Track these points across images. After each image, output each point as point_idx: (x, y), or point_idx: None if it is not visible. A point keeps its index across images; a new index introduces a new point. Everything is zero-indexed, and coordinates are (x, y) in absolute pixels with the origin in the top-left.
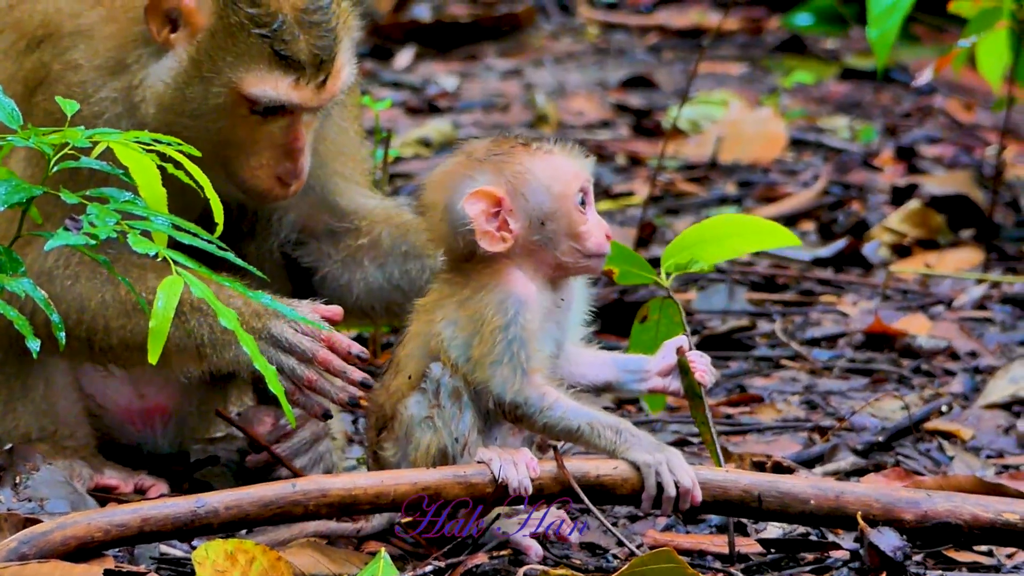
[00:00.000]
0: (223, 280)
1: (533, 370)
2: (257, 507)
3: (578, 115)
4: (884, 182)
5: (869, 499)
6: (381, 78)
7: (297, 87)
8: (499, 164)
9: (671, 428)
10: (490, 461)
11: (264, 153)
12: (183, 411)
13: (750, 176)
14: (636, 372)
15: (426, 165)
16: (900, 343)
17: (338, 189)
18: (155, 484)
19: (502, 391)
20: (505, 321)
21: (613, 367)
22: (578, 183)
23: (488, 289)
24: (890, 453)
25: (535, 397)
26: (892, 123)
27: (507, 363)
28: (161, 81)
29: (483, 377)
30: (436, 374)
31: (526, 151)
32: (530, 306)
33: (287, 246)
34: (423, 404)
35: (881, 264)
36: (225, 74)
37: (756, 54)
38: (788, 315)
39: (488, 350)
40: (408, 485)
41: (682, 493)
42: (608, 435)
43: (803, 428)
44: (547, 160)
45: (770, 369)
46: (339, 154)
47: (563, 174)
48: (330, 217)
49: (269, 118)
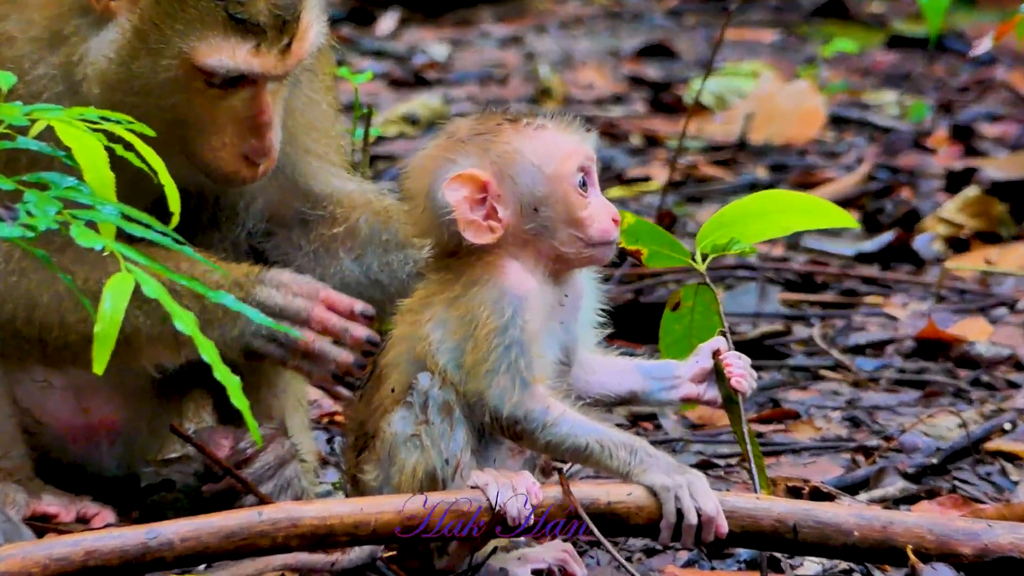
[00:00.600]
0: (180, 277)
1: (535, 380)
2: (218, 539)
3: (587, 88)
4: (938, 165)
5: (921, 530)
6: (361, 46)
7: (258, 53)
8: (484, 144)
9: (693, 448)
10: (485, 486)
11: (226, 130)
12: (132, 428)
13: (784, 159)
14: (665, 379)
15: (412, 146)
16: (956, 351)
17: (310, 171)
18: (100, 512)
19: (499, 404)
20: (501, 323)
21: (637, 374)
22: (576, 161)
23: (481, 285)
24: (945, 477)
25: (538, 411)
26: (947, 98)
27: (504, 372)
28: (103, 56)
29: (478, 388)
30: (424, 385)
31: (514, 128)
32: (530, 305)
33: (254, 237)
34: (409, 420)
35: (935, 260)
36: (175, 44)
37: (791, 19)
38: (828, 318)
39: (483, 357)
40: (391, 514)
41: (705, 522)
42: (621, 455)
43: (845, 448)
44: (539, 137)
45: (807, 381)
46: (310, 129)
47: (557, 152)
48: (301, 203)
49: (229, 90)
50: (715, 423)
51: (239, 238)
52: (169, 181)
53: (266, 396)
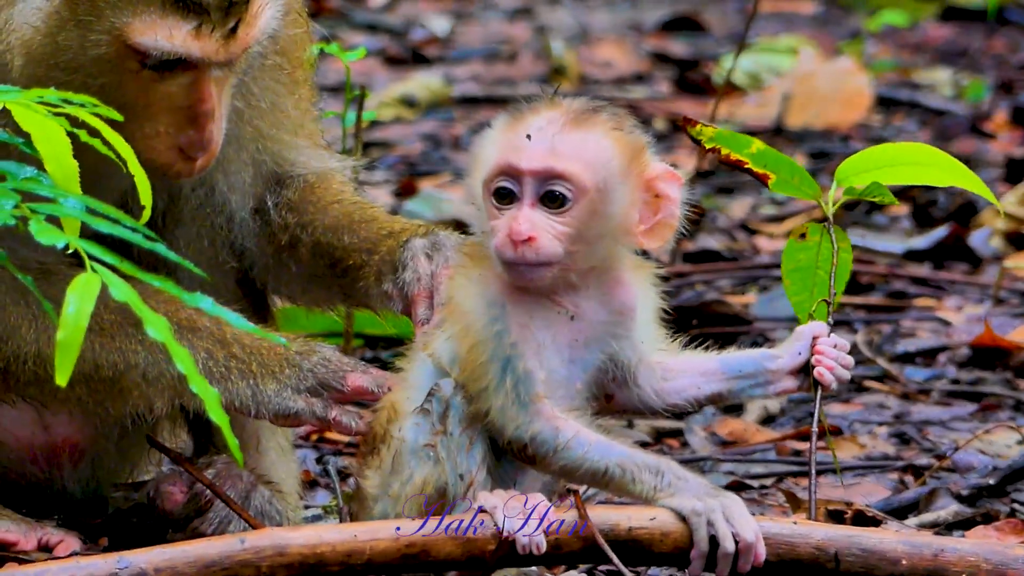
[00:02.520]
0: (152, 279)
1: (536, 395)
2: (196, 569)
3: (605, 66)
4: (997, 152)
5: (977, 559)
6: (352, 19)
7: (199, 36)
8: (495, 124)
9: (724, 468)
10: (494, 510)
11: (161, 118)
12: (98, 447)
13: (825, 145)
14: (756, 374)
15: (409, 131)
16: (1016, 359)
17: (284, 159)
18: (64, 539)
19: (503, 425)
20: (485, 334)
21: (721, 374)
22: (498, 166)
23: (470, 281)
24: (1004, 500)
25: (546, 432)
26: (1007, 77)
27: (499, 388)
28: (28, 24)
29: (479, 407)
30: (446, 392)
31: (506, 115)
32: (516, 307)
33: (233, 232)
34: (424, 428)
35: (993, 258)
36: (107, 17)
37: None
38: (874, 323)
39: (473, 372)
40: (388, 541)
41: (743, 550)
42: (646, 478)
43: (893, 468)
44: (500, 129)
45: (851, 393)
46: (280, 127)
47: (490, 151)
48: (273, 193)
49: (166, 75)
50: (748, 440)
51: (218, 233)
52: (140, 172)
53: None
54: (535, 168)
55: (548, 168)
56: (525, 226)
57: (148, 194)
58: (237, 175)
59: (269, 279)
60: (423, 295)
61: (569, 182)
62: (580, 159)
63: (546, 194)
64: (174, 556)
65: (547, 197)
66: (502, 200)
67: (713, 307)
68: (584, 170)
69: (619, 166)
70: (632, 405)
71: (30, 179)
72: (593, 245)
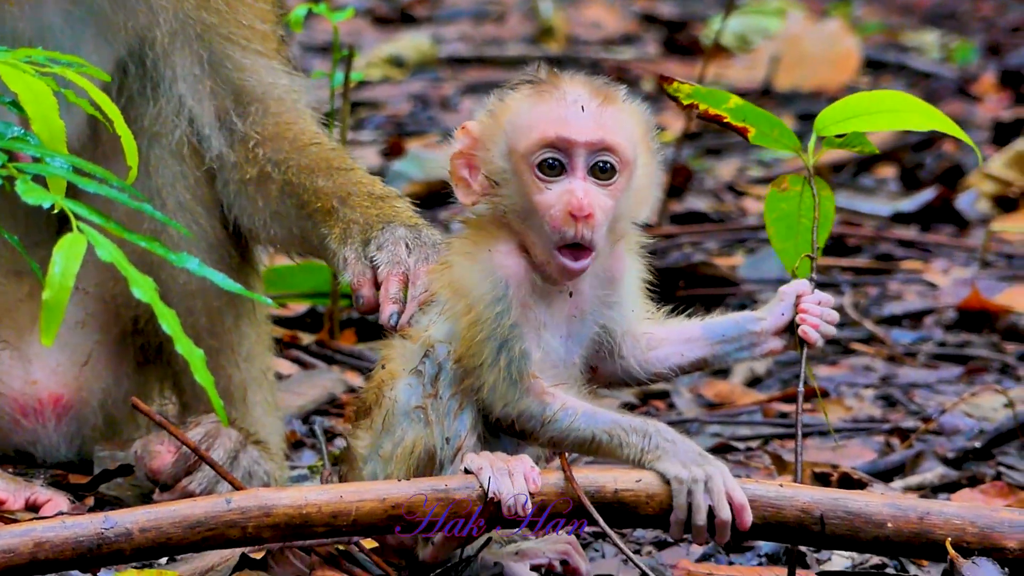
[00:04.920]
0: (138, 239)
1: (529, 375)
2: (181, 529)
3: (593, 27)
4: (985, 115)
5: (962, 521)
6: None
7: None
8: (500, 98)
9: (710, 430)
10: (480, 471)
11: None
12: (84, 405)
13: (813, 107)
14: (739, 338)
15: (397, 91)
16: (1003, 322)
17: (242, 66)
18: (52, 498)
19: (491, 401)
20: (485, 313)
21: (703, 338)
22: (540, 136)
23: (471, 258)
24: (990, 463)
25: (534, 406)
26: (995, 40)
27: (492, 366)
28: None
29: (471, 382)
30: (440, 355)
31: (527, 88)
32: (519, 288)
33: (200, 143)
34: (416, 390)
35: (980, 221)
36: None
37: None
38: (860, 286)
39: (469, 349)
40: (374, 502)
41: (718, 524)
42: (634, 440)
43: (879, 431)
44: (528, 103)
45: (837, 355)
46: (238, 25)
47: (528, 122)
48: (233, 104)
49: None
50: (734, 401)
51: (179, 148)
52: (126, 132)
53: (227, 366)
54: (590, 140)
55: (601, 139)
56: (586, 200)
57: (134, 154)
58: (186, 67)
59: (244, 217)
60: (399, 278)
61: (617, 154)
62: (621, 131)
63: (595, 166)
64: (160, 516)
65: (597, 168)
66: (548, 173)
67: (700, 269)
68: (628, 142)
69: (645, 142)
70: (616, 377)
71: (16, 138)
72: (619, 222)
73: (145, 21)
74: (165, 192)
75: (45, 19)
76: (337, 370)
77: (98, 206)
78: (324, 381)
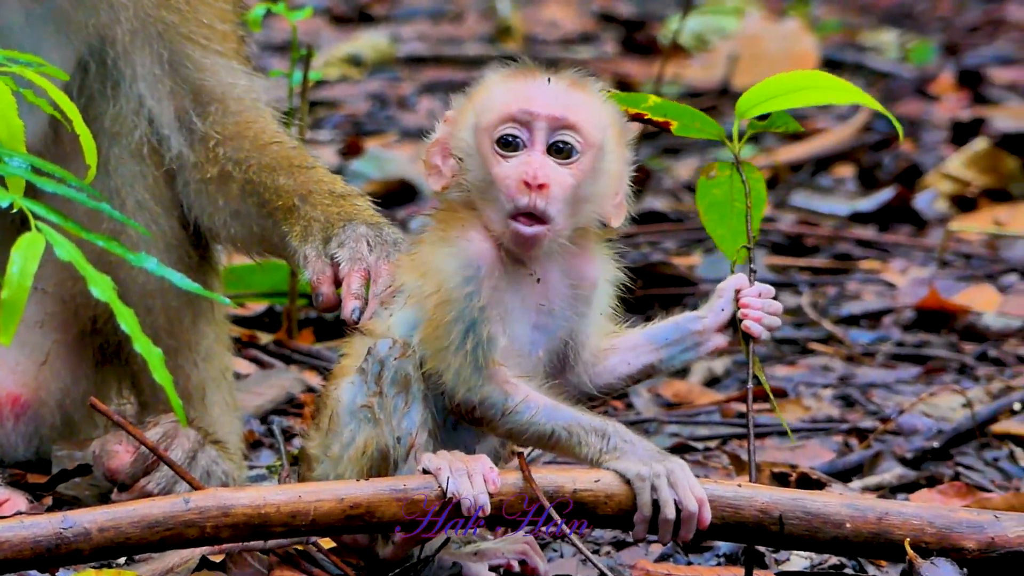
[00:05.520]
0: (96, 238)
1: (493, 361)
2: (140, 528)
3: (551, 27)
4: (942, 115)
5: (920, 522)
6: None
7: None
8: (481, 81)
9: (668, 429)
10: (438, 471)
11: None
12: (44, 403)
13: None
14: (683, 339)
15: (356, 90)
16: (961, 322)
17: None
18: (10, 498)
19: (455, 386)
20: (454, 295)
21: (649, 346)
22: (502, 111)
23: (445, 243)
24: (948, 463)
25: (496, 395)
26: (953, 39)
27: (458, 351)
28: None
29: (435, 366)
30: (381, 352)
31: (497, 74)
32: (488, 276)
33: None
34: (360, 388)
35: (938, 221)
36: None
37: None
38: (819, 285)
39: (435, 331)
40: (332, 502)
41: (684, 518)
42: (592, 441)
43: (837, 431)
44: (495, 84)
45: (795, 355)
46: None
47: (494, 100)
48: (192, 104)
49: None
50: (692, 401)
51: (139, 148)
52: (85, 131)
53: (185, 366)
54: (552, 114)
55: (563, 116)
56: (541, 171)
57: (93, 153)
58: (146, 66)
59: (204, 217)
60: (361, 274)
61: (579, 133)
62: (588, 113)
63: (554, 144)
64: (118, 516)
65: (555, 147)
66: (507, 148)
67: (658, 268)
68: (592, 124)
69: (614, 131)
70: (568, 390)
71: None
72: (583, 205)
73: (106, 19)
74: (124, 192)
75: (4, 18)
76: (295, 369)
77: (57, 206)
78: (282, 381)
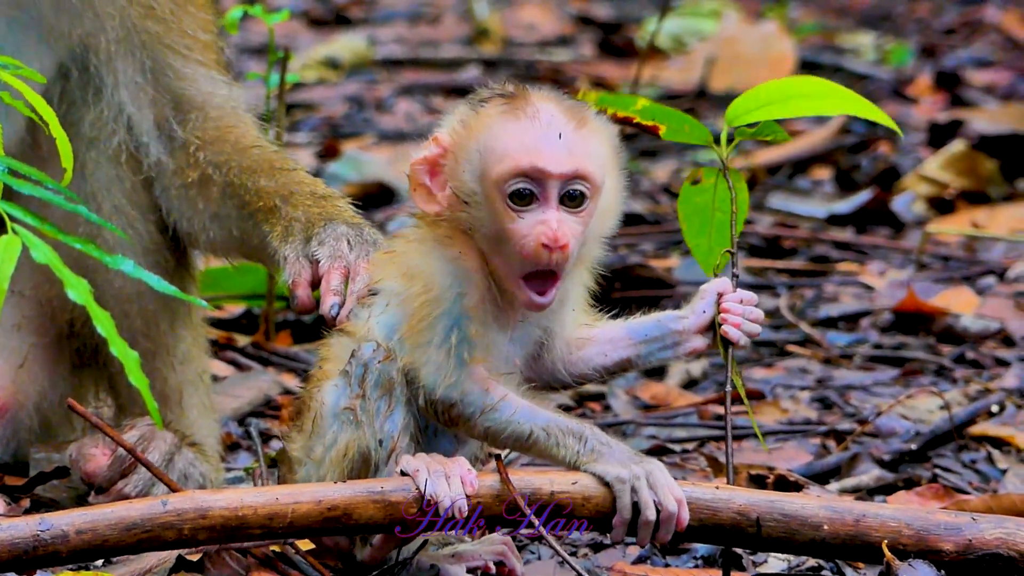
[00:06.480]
0: (73, 241)
1: (473, 360)
2: (117, 531)
3: (529, 29)
4: (920, 117)
5: (898, 524)
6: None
7: None
8: (472, 109)
9: (646, 432)
10: (416, 473)
11: None
12: (21, 406)
13: None
14: (662, 337)
15: (333, 93)
16: (939, 324)
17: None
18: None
19: (434, 382)
20: (440, 293)
21: (628, 340)
22: (513, 166)
23: (435, 249)
24: (925, 465)
25: (475, 393)
26: (930, 41)
27: (440, 346)
28: None
29: (412, 362)
30: (365, 355)
31: (501, 103)
32: (473, 281)
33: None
34: (343, 391)
35: (916, 223)
36: None
37: None
38: (796, 288)
39: (418, 327)
40: (310, 504)
41: (664, 519)
42: (570, 443)
43: (815, 432)
44: (504, 124)
45: (773, 357)
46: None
47: (502, 148)
48: (172, 111)
49: None
50: (670, 403)
51: (117, 154)
52: (62, 134)
53: (162, 369)
54: (565, 172)
55: (575, 170)
56: (560, 231)
57: (69, 157)
58: (128, 74)
59: (183, 221)
60: (340, 271)
61: (588, 181)
62: (593, 157)
63: (566, 194)
64: (96, 518)
65: (567, 196)
66: (519, 202)
67: (636, 271)
68: (598, 168)
69: (612, 159)
70: (541, 379)
71: None
72: (588, 243)
73: (91, 28)
74: (100, 196)
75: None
76: (273, 372)
77: (34, 209)
78: (260, 383)
